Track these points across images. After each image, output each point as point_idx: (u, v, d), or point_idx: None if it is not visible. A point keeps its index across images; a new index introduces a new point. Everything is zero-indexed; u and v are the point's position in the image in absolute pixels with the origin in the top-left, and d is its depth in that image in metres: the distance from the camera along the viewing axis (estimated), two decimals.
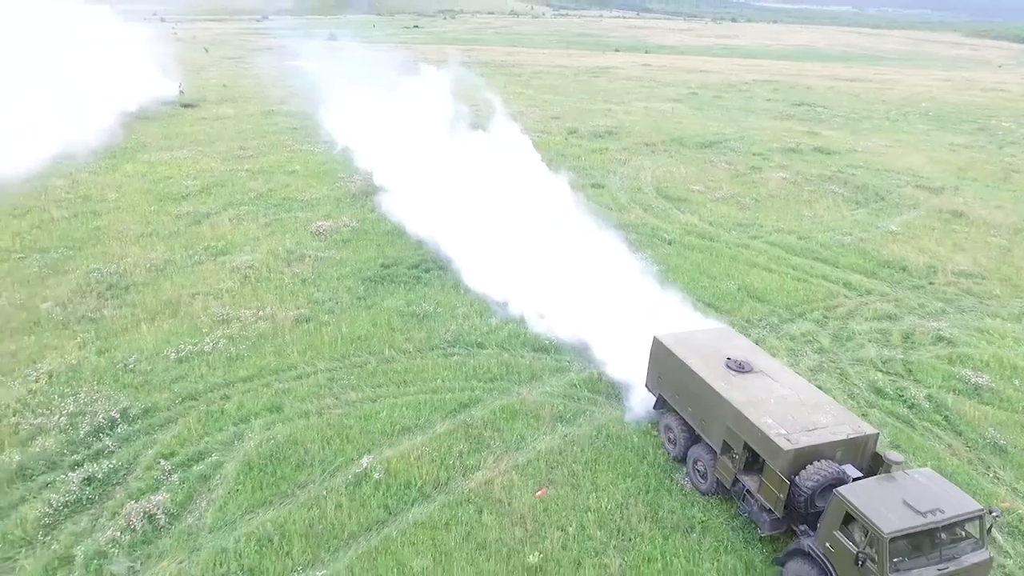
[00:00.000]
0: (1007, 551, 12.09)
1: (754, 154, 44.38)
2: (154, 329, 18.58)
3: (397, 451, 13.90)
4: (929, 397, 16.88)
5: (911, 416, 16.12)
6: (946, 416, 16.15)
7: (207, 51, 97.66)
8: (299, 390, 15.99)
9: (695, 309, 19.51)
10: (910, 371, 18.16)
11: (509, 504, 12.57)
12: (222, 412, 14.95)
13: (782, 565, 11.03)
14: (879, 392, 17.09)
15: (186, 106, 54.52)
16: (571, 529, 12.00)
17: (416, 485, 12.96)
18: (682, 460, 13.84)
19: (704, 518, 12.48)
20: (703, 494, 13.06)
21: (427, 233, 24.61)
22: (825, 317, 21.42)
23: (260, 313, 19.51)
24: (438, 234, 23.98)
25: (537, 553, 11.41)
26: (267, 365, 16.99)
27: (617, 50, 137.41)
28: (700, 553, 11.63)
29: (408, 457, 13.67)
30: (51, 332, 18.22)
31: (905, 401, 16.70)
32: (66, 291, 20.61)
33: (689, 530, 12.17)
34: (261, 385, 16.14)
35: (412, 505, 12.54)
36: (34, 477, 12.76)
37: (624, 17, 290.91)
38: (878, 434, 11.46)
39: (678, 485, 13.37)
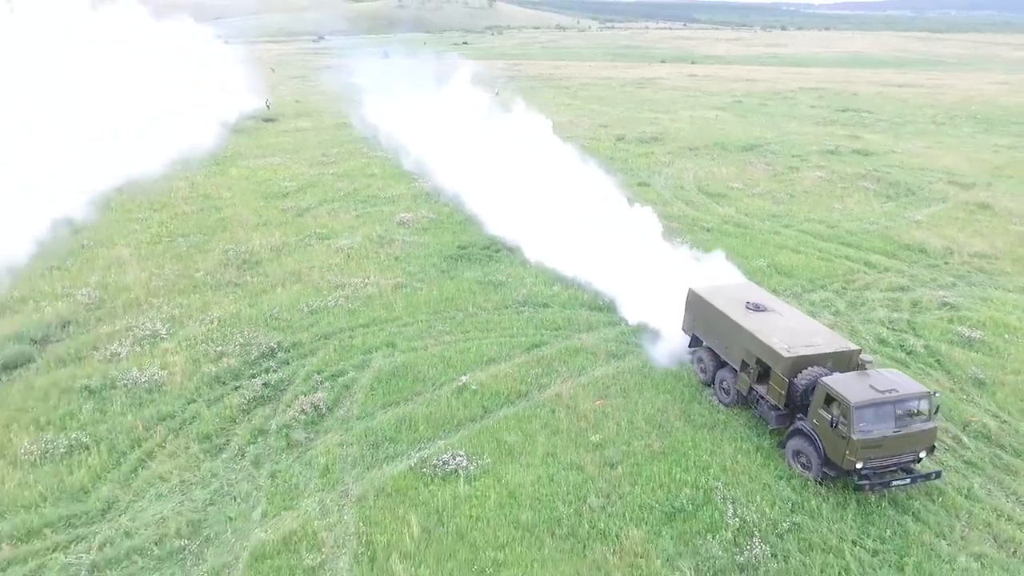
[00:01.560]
0: (969, 447, 15.38)
1: (793, 156, 47.24)
2: (286, 291, 23.35)
3: (487, 373, 18.09)
4: (926, 347, 20.07)
5: (907, 359, 19.37)
6: (938, 360, 19.34)
7: (274, 71, 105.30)
8: (406, 333, 20.39)
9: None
10: (913, 328, 21.33)
11: (575, 408, 16.55)
12: (351, 346, 19.45)
13: (784, 445, 14.66)
14: (882, 342, 20.37)
15: (268, 120, 60.77)
16: (623, 423, 15.90)
17: (504, 394, 17.10)
18: (710, 384, 17.56)
19: (726, 420, 16.19)
20: (726, 406, 16.75)
21: (496, 221, 28.80)
22: (844, 288, 24.66)
23: (366, 281, 24.07)
24: (506, 222, 28.13)
25: (598, 435, 15.36)
26: (378, 316, 21.48)
27: (663, 61, 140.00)
28: (722, 440, 15.35)
29: (496, 376, 17.84)
30: (209, 293, 23.20)
31: (904, 348, 19.95)
32: (211, 264, 25.68)
33: (713, 427, 15.90)
34: (376, 329, 20.60)
35: (502, 406, 16.66)
36: (226, 383, 17.44)
37: (671, 28, 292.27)
38: (860, 350, 15.00)
39: (707, 400, 17.09)
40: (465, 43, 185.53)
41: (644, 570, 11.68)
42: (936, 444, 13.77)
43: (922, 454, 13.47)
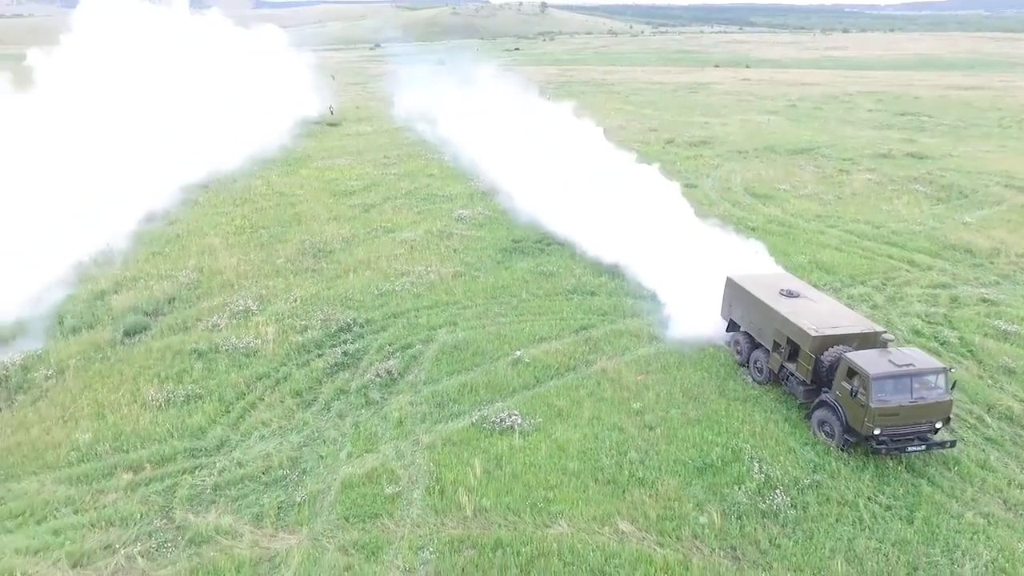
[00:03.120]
0: (991, 426, 16.42)
1: (844, 159, 47.53)
2: (357, 277, 25.88)
3: (539, 349, 20.05)
4: (960, 338, 20.96)
5: (940, 349, 20.32)
6: (971, 350, 20.24)
7: (334, 78, 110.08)
8: (465, 314, 22.55)
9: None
10: (949, 321, 22.19)
11: (618, 380, 18.33)
12: (417, 324, 21.73)
13: (810, 417, 16.08)
14: (916, 333, 21.36)
15: (332, 124, 64.47)
16: (662, 394, 17.59)
17: (554, 367, 19.02)
18: (745, 364, 19.03)
19: (758, 395, 17.67)
20: (759, 384, 18.21)
21: (548, 217, 30.71)
22: (884, 284, 25.57)
23: (428, 269, 26.38)
24: (557, 219, 30.01)
25: (638, 403, 17.11)
26: (440, 299, 23.72)
27: (717, 66, 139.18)
28: (753, 411, 16.86)
29: (547, 352, 19.79)
30: (290, 276, 25.94)
31: (938, 339, 20.89)
32: (290, 252, 28.51)
33: (746, 400, 17.41)
34: (439, 310, 22.84)
35: (552, 377, 18.58)
36: (311, 351, 19.95)
37: (725, 32, 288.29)
38: (884, 331, 16.29)
39: (741, 378, 18.59)
40: (517, 49, 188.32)
41: (676, 511, 13.38)
42: (951, 416, 14.95)
43: (938, 424, 14.69)
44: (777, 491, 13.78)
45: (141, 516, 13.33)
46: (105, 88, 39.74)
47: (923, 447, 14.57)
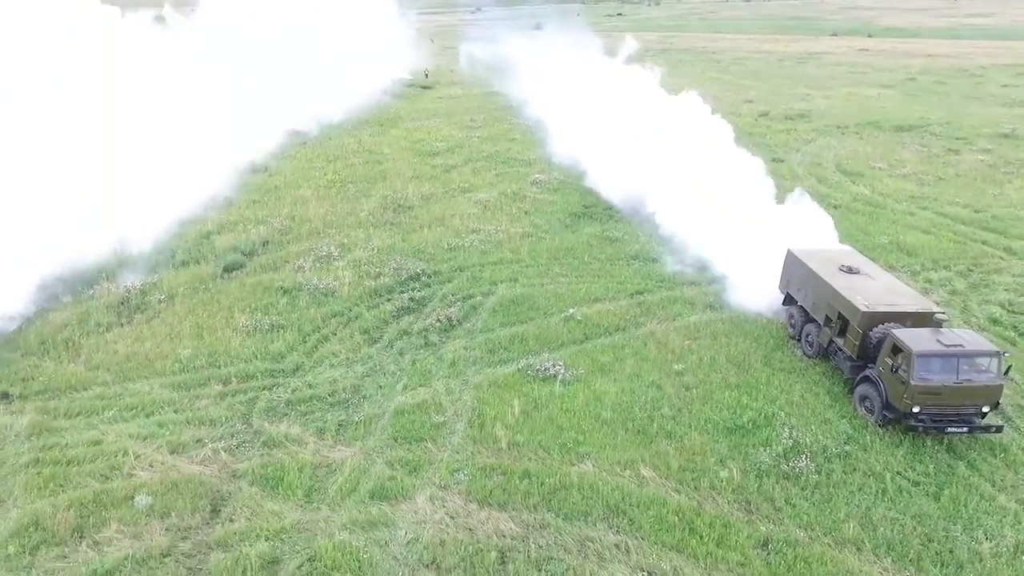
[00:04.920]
0: None
1: (957, 138, 44.10)
2: (431, 232, 27.49)
3: (592, 309, 20.87)
4: None
5: (1016, 338, 19.35)
6: None
7: (433, 42, 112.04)
8: (527, 272, 23.64)
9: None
10: None
11: (665, 343, 18.89)
12: (480, 278, 23.06)
13: (852, 391, 16.08)
14: (994, 321, 20.37)
15: (425, 87, 66.47)
16: (706, 359, 18.03)
17: (604, 326, 19.82)
18: (798, 338, 19.01)
19: (804, 368, 17.74)
20: (809, 357, 18.21)
21: (620, 183, 30.90)
22: (970, 270, 24.25)
23: (498, 228, 27.57)
24: (629, 185, 30.17)
25: (680, 365, 17.67)
26: (505, 257, 24.91)
27: (834, 34, 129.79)
28: (795, 382, 17.02)
29: (600, 312, 20.59)
30: (371, 228, 27.94)
31: (1016, 329, 19.87)
32: (373, 206, 30.54)
33: (791, 371, 17.55)
34: (503, 267, 24.04)
35: (601, 336, 19.41)
36: (381, 295, 21.77)
37: None
38: (941, 312, 15.87)
39: (790, 350, 18.64)
40: (620, 14, 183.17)
41: (698, 464, 14.05)
42: (1000, 401, 14.55)
43: (986, 408, 14.36)
44: (803, 456, 14.10)
45: (226, 420, 15.58)
46: (228, 46, 43.47)
47: (965, 429, 14.33)
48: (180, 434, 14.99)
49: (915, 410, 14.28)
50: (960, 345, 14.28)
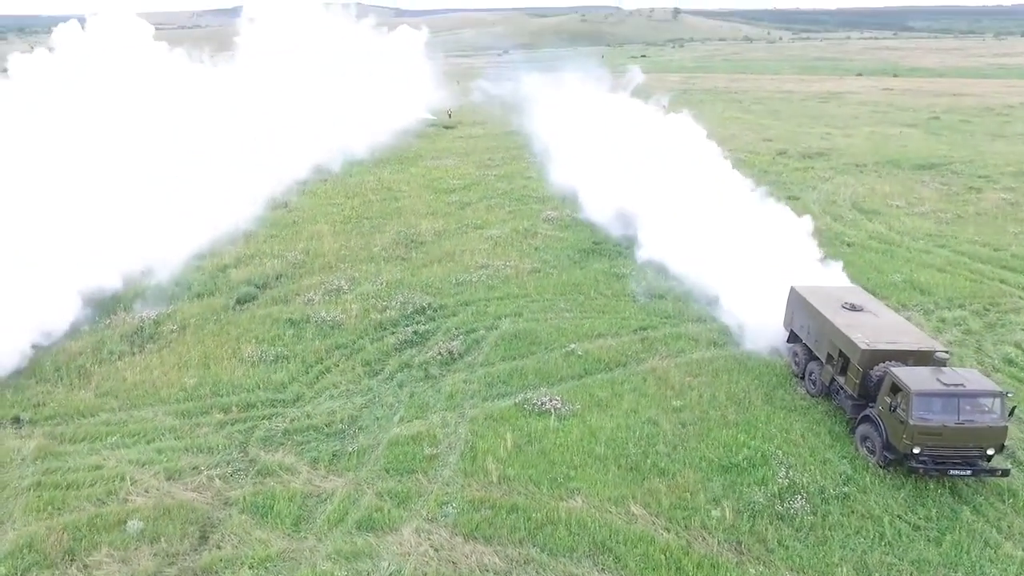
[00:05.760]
0: None
1: (979, 176, 43.55)
2: (440, 267, 27.90)
3: (594, 344, 20.85)
4: None
5: None
6: None
7: (458, 83, 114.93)
8: (532, 307, 23.78)
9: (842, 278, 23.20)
10: None
11: (665, 379, 18.74)
12: (485, 312, 23.26)
13: (854, 431, 15.71)
14: (1009, 362, 19.81)
15: (447, 127, 68.15)
16: (706, 395, 17.82)
17: (604, 362, 19.77)
18: (802, 376, 18.71)
19: (806, 407, 17.41)
20: (812, 396, 17.89)
21: (630, 221, 31.09)
22: (986, 309, 23.70)
23: (507, 264, 27.86)
24: (639, 222, 30.32)
25: (679, 401, 17.49)
26: (511, 292, 25.11)
27: (859, 74, 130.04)
28: (796, 421, 16.69)
29: (601, 348, 20.55)
30: (382, 263, 28.48)
31: None
32: (386, 241, 31.15)
33: (792, 410, 17.23)
34: (508, 302, 24.23)
35: (601, 371, 19.36)
36: (386, 328, 22.08)
37: (876, 38, 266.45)
38: (943, 350, 15.51)
39: (793, 388, 18.33)
40: (644, 56, 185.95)
41: (690, 502, 13.80)
42: (1006, 444, 14.06)
43: (990, 451, 13.89)
44: (799, 496, 13.76)
45: (224, 448, 15.83)
46: (258, 86, 45.52)
47: (969, 472, 13.86)
48: (178, 461, 15.27)
49: (916, 451, 13.89)
50: (961, 385, 13.94)
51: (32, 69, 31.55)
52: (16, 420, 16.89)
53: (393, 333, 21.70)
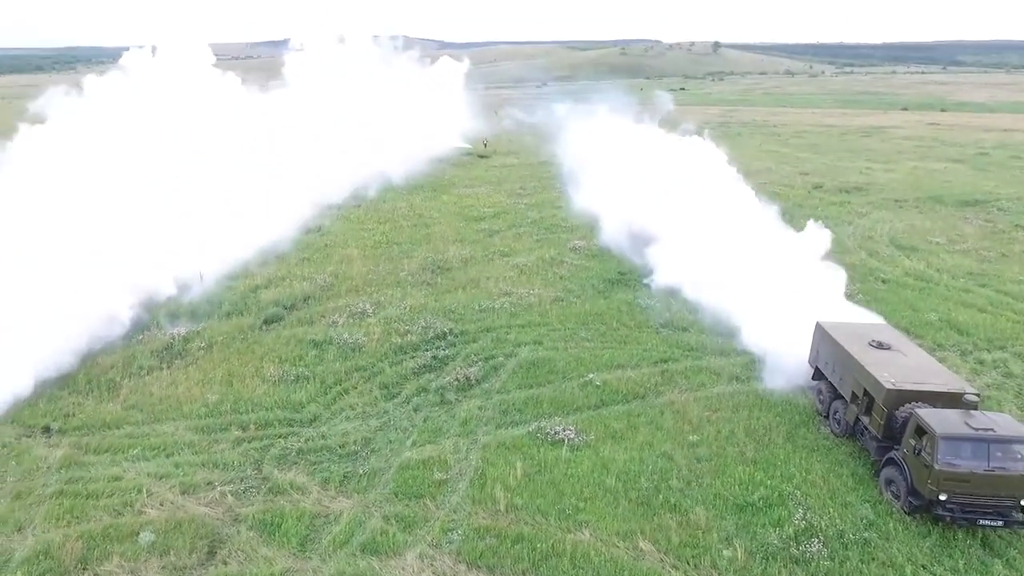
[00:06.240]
0: None
1: None
2: (465, 293, 28.11)
3: (612, 375, 20.62)
4: None
5: None
6: None
7: (496, 113, 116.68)
8: (552, 336, 23.70)
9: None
10: None
11: (684, 413, 18.37)
12: (505, 339, 23.28)
13: (878, 474, 15.08)
14: None
15: (482, 156, 69.22)
16: (724, 431, 17.38)
17: (622, 393, 19.51)
18: (826, 415, 18.12)
19: (829, 447, 16.81)
20: (837, 436, 17.28)
21: (657, 253, 30.83)
22: None
23: (530, 292, 27.91)
24: (666, 253, 30.07)
25: (696, 436, 17.10)
26: (533, 320, 25.10)
27: (905, 109, 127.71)
28: (817, 461, 16.12)
29: (619, 379, 20.31)
30: (407, 287, 28.85)
31: None
32: (413, 267, 31.58)
33: (814, 449, 16.66)
34: (529, 330, 24.20)
35: (618, 402, 19.10)
36: (406, 352, 22.27)
37: (924, 73, 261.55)
38: (974, 392, 14.85)
39: (816, 427, 17.75)
40: (682, 89, 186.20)
41: (701, 540, 13.39)
42: None
43: None
44: (816, 540, 13.23)
45: (239, 464, 16.10)
46: (305, 114, 47.27)
47: (1000, 523, 13.13)
48: (193, 475, 15.58)
49: (942, 498, 13.25)
50: (991, 429, 13.30)
51: (104, 89, 33.31)
52: (46, 429, 17.51)
53: (413, 357, 21.87)
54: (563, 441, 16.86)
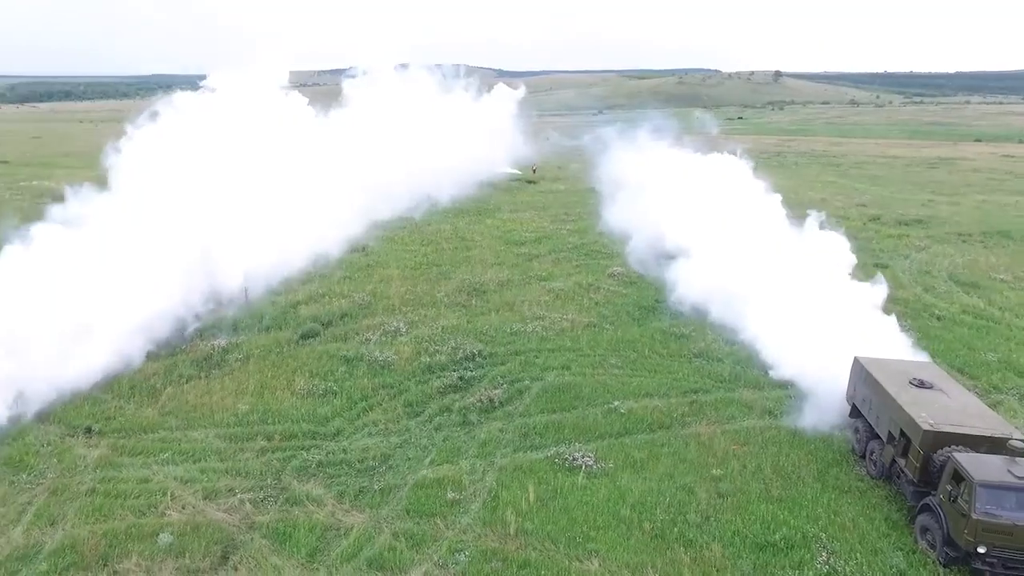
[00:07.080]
0: None
1: None
2: (498, 316, 28.20)
3: (639, 403, 20.21)
4: None
5: None
6: None
7: (548, 139, 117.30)
8: (582, 361, 23.46)
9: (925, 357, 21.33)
10: None
11: (709, 445, 17.80)
12: (533, 363, 23.18)
13: (913, 521, 14.16)
14: None
15: (530, 182, 69.81)
16: (750, 466, 16.73)
17: (647, 422, 19.08)
18: (863, 455, 17.20)
19: (863, 489, 15.94)
20: (873, 478, 16.37)
21: (698, 280, 30.20)
22: None
23: (564, 317, 27.76)
24: (707, 282, 29.39)
25: (719, 470, 16.51)
26: (564, 344, 24.93)
27: (978, 140, 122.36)
28: (847, 503, 15.28)
29: (646, 407, 19.88)
30: (442, 308, 29.17)
31: None
32: (450, 289, 31.94)
33: (846, 491, 15.81)
34: (559, 354, 24.04)
35: (642, 431, 18.68)
36: (434, 371, 22.45)
37: (1001, 103, 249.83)
38: (1019, 438, 13.81)
39: (850, 468, 16.86)
40: (740, 118, 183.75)
41: None
42: None
43: None
44: None
45: (260, 473, 16.49)
46: (364, 138, 48.91)
47: None
48: (217, 481, 16.04)
49: (980, 550, 12.32)
50: None
51: (190, 107, 35.46)
52: (88, 430, 18.40)
53: (440, 377, 22.01)
54: (580, 467, 16.57)
